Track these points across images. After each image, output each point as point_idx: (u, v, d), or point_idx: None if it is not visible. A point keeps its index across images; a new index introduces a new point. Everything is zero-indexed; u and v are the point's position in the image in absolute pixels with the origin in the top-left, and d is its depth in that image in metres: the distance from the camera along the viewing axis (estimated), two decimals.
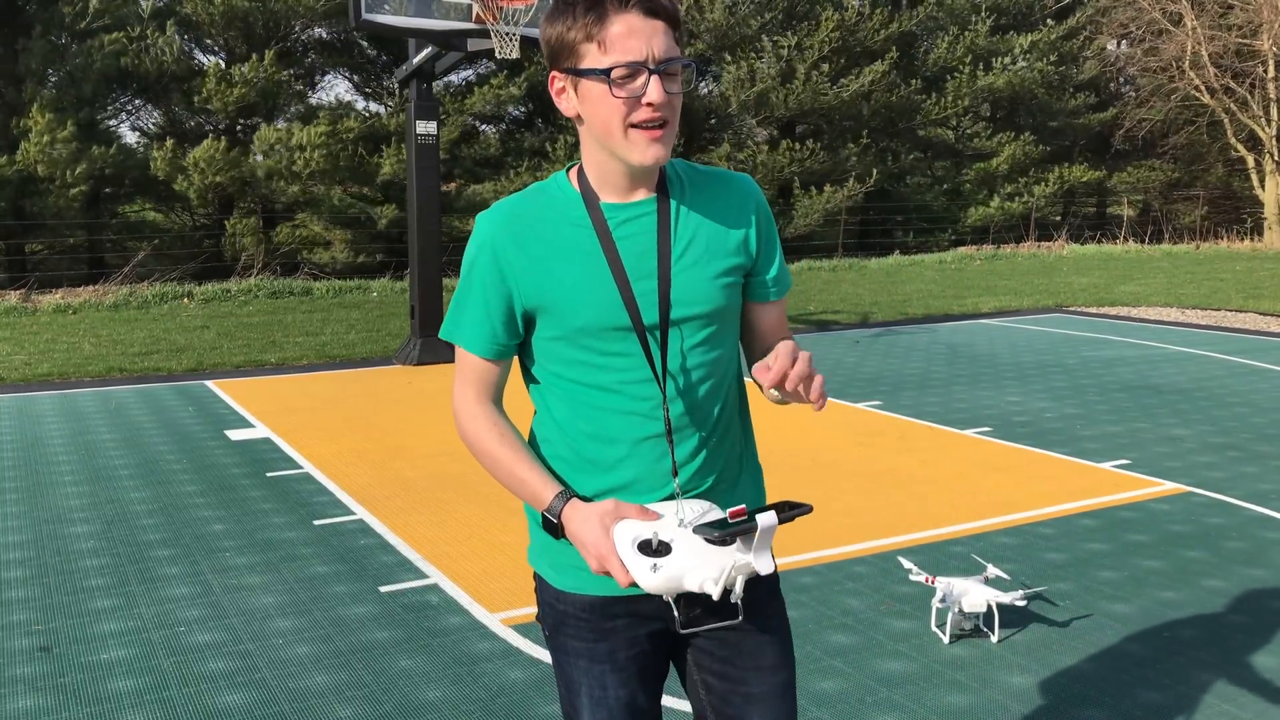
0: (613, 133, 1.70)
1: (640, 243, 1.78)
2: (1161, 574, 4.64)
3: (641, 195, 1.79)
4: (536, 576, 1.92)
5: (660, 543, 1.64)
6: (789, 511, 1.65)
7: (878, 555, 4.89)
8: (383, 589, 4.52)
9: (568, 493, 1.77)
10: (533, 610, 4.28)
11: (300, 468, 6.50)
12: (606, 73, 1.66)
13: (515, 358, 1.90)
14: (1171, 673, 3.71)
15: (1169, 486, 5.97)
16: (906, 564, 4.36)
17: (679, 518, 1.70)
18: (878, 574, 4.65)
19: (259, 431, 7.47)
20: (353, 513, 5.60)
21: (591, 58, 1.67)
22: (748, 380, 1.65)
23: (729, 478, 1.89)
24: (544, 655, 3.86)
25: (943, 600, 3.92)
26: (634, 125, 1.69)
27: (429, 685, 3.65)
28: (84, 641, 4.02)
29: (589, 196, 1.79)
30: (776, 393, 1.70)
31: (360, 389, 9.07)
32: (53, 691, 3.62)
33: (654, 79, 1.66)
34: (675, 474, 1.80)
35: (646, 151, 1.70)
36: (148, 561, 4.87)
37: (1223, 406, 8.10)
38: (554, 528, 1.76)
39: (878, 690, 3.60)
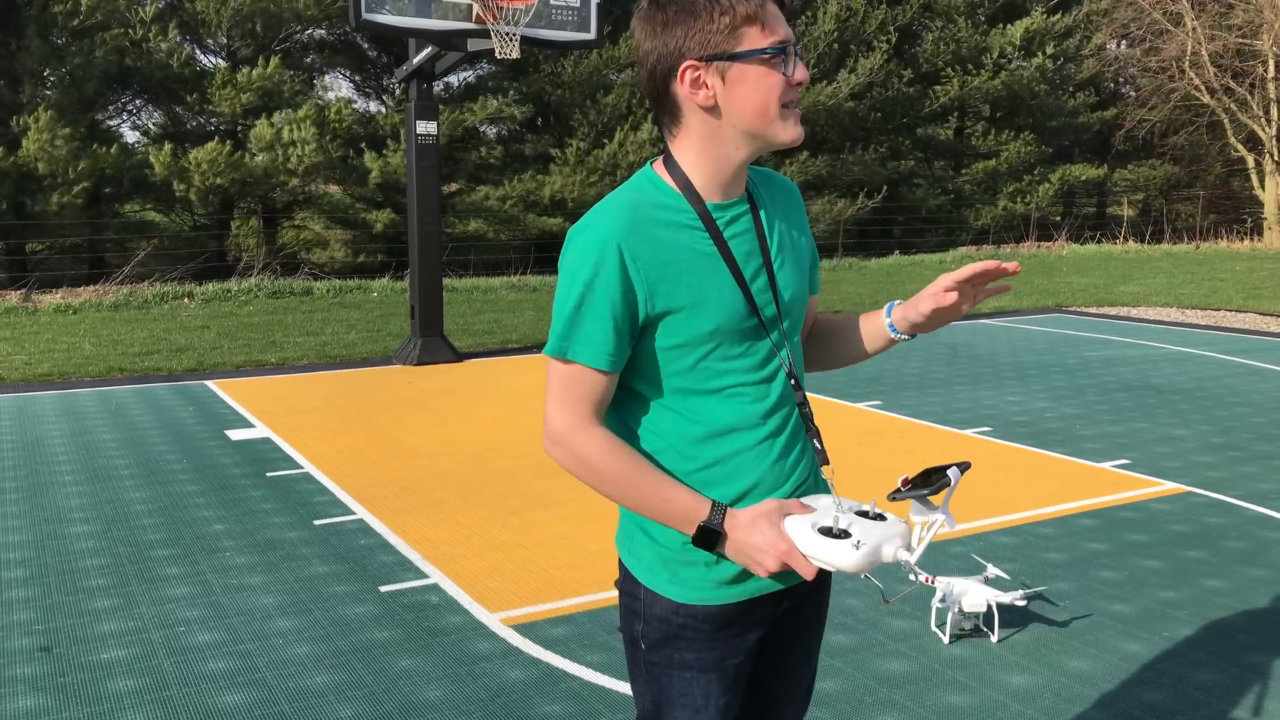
0: (769, 115, 1.71)
1: (746, 242, 1.79)
2: (1161, 574, 4.64)
3: (738, 194, 1.80)
4: (644, 591, 1.83)
5: (840, 529, 1.66)
6: (962, 466, 1.74)
7: None
8: (383, 589, 4.52)
9: (721, 504, 1.72)
10: (533, 610, 4.28)
11: (300, 468, 6.50)
12: (780, 50, 1.69)
13: None
14: (1171, 673, 3.71)
15: (1169, 486, 5.97)
16: (907, 564, 4.35)
17: (835, 504, 1.72)
18: (878, 574, 4.65)
19: (259, 431, 7.47)
20: (353, 513, 5.60)
21: (751, 39, 1.68)
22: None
23: (827, 465, 1.91)
24: (544, 655, 3.87)
25: (943, 600, 3.92)
26: (784, 105, 1.72)
27: (429, 685, 3.65)
28: (84, 641, 4.02)
29: (692, 197, 1.76)
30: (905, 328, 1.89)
31: (360, 389, 9.07)
32: (53, 691, 3.62)
33: (797, 58, 1.72)
34: (826, 461, 1.85)
35: (797, 129, 1.74)
36: (148, 561, 4.87)
37: (1223, 406, 8.10)
38: (712, 539, 1.70)
39: (878, 690, 3.60)
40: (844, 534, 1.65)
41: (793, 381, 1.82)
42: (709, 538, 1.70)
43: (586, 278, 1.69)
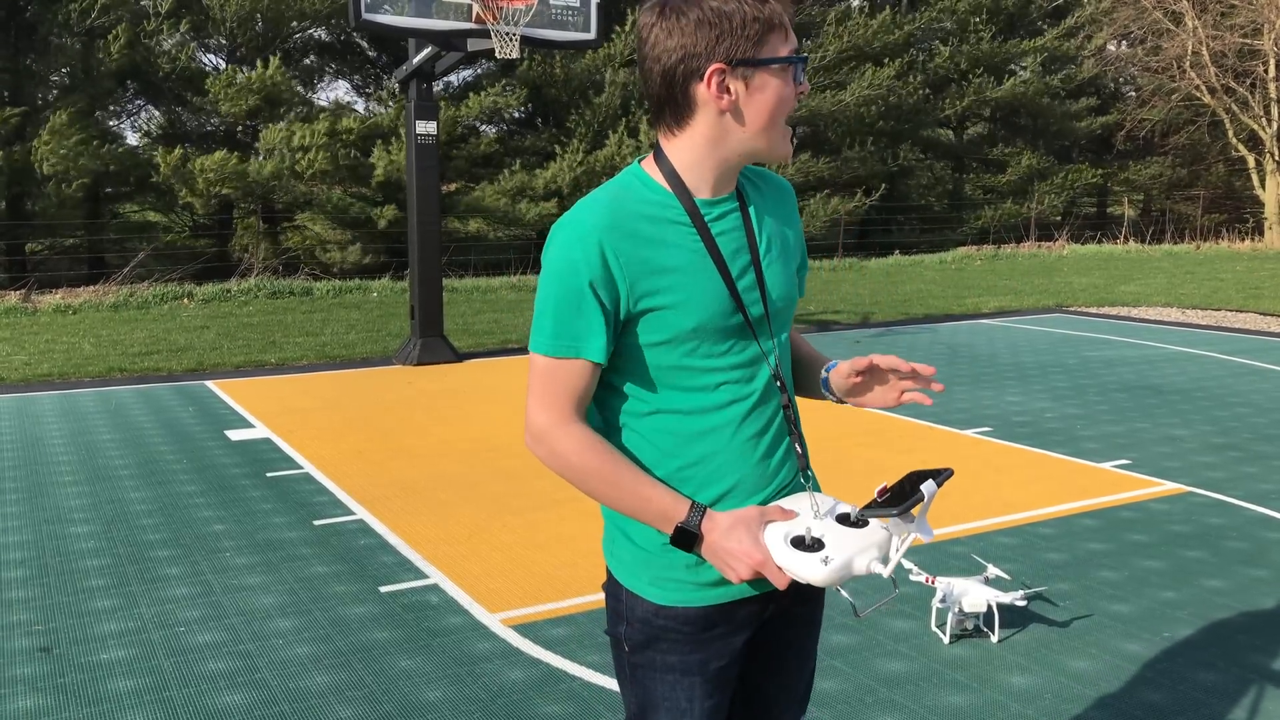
0: (777, 124, 1.69)
1: (734, 239, 1.77)
2: (1161, 574, 4.64)
3: (727, 192, 1.78)
4: (625, 594, 1.81)
5: (814, 538, 1.63)
6: (941, 475, 1.66)
7: None
8: (383, 589, 4.52)
9: (700, 504, 1.71)
10: (533, 610, 4.28)
11: (300, 468, 6.50)
12: (802, 60, 1.66)
13: None
14: (1171, 673, 3.70)
15: (1169, 486, 5.97)
16: (907, 564, 4.36)
17: (814, 510, 1.69)
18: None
19: (259, 431, 7.47)
20: (353, 513, 5.60)
21: (773, 47, 1.66)
22: None
23: (809, 469, 1.88)
24: (544, 655, 3.86)
25: (943, 600, 3.92)
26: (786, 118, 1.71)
27: (429, 685, 3.65)
28: (84, 641, 4.02)
29: (680, 193, 1.74)
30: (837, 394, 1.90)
31: (360, 389, 9.07)
32: (53, 691, 3.62)
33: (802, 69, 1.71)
34: (806, 467, 1.83)
35: (789, 147, 1.73)
36: (148, 561, 4.87)
37: (1223, 406, 8.10)
38: (689, 540, 1.68)
39: (878, 690, 3.60)
40: (817, 544, 1.63)
41: (778, 382, 1.80)
42: (686, 539, 1.68)
43: (569, 272, 1.67)
